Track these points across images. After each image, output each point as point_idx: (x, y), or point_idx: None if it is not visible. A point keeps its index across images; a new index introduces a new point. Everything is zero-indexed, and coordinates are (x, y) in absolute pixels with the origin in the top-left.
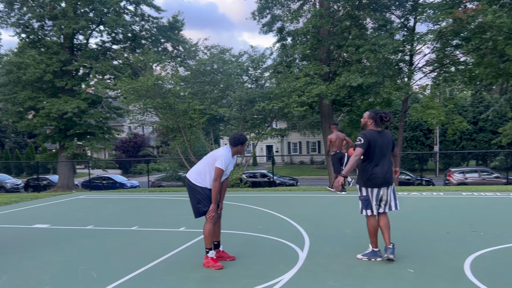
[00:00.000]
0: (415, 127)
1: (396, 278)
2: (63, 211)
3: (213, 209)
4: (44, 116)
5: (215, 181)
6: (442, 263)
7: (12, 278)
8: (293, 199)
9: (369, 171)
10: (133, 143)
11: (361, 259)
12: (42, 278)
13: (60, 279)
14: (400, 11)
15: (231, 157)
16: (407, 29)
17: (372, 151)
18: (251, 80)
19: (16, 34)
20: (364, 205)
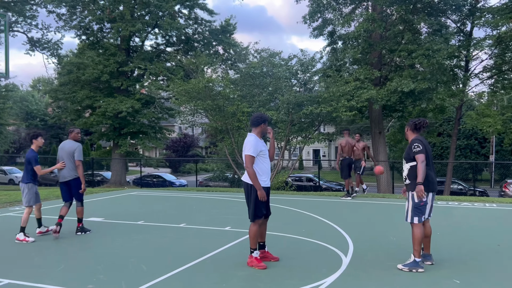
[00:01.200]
0: (469, 135)
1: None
2: (116, 206)
3: (261, 194)
4: (100, 114)
5: (248, 168)
6: (490, 276)
7: (69, 267)
8: (338, 204)
9: (430, 174)
10: (182, 143)
11: (401, 270)
12: (96, 268)
13: (113, 270)
14: (456, 16)
15: (258, 140)
16: (463, 34)
17: (427, 156)
18: (299, 83)
19: (77, 36)
20: (419, 212)
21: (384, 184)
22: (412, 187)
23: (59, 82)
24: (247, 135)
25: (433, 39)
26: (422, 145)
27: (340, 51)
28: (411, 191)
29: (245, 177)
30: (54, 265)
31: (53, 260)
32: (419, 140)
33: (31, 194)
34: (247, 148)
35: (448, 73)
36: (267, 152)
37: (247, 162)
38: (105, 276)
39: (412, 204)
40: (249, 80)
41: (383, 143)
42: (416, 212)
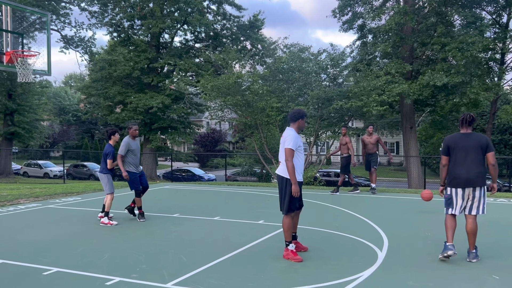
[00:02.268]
0: (504, 130)
1: (480, 283)
2: (151, 199)
3: (296, 189)
4: (132, 110)
5: (288, 161)
6: None
7: (113, 257)
8: (370, 199)
9: (452, 172)
10: (211, 138)
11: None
12: (138, 259)
13: (154, 260)
14: (492, 7)
15: (298, 135)
16: (499, 26)
17: (454, 153)
18: (329, 78)
19: (109, 33)
20: (446, 204)
21: (416, 180)
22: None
23: (91, 78)
24: (286, 129)
25: (467, 31)
26: (444, 145)
27: (371, 45)
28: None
29: (280, 170)
30: (98, 254)
31: (97, 250)
32: (444, 139)
33: (110, 182)
34: (287, 141)
35: (483, 66)
36: (303, 152)
37: (288, 155)
38: (148, 266)
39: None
40: (278, 75)
41: (414, 138)
42: (447, 203)
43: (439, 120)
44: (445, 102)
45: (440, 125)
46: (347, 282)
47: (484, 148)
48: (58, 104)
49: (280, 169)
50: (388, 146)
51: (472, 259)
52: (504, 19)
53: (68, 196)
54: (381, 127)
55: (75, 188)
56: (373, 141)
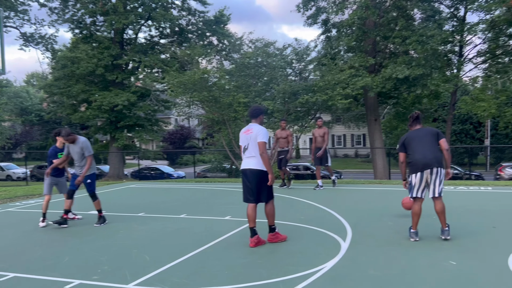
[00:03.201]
0: (464, 120)
1: (438, 269)
2: (116, 199)
3: (273, 177)
4: (96, 108)
5: (265, 153)
6: (486, 257)
7: (73, 259)
8: (336, 191)
9: (411, 160)
10: (179, 135)
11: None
12: (100, 260)
13: (116, 261)
14: (449, 1)
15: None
16: (457, 19)
17: (410, 146)
18: (295, 73)
19: (70, 30)
20: (409, 190)
21: (381, 170)
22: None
23: (53, 77)
24: (253, 125)
25: (427, 25)
26: (400, 143)
27: (335, 39)
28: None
29: (254, 164)
30: (58, 257)
31: (57, 253)
32: (400, 139)
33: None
34: (260, 136)
35: (442, 58)
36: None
37: (263, 148)
38: (109, 267)
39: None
40: (244, 70)
41: (378, 130)
42: (409, 191)
43: (403, 111)
44: (408, 94)
45: (403, 117)
46: (310, 274)
47: (435, 135)
48: (20, 105)
49: (254, 163)
50: (355, 138)
51: (446, 236)
52: (461, 13)
53: (29, 198)
54: (348, 119)
55: (37, 190)
56: (321, 133)
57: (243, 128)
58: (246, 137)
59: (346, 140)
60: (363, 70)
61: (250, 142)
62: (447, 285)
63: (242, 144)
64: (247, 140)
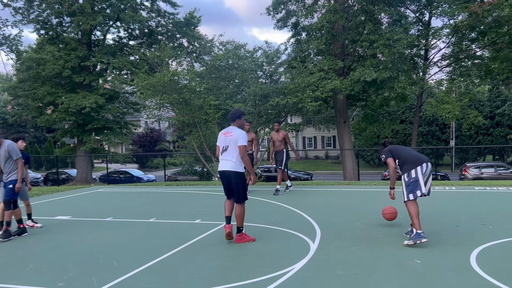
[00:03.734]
0: (430, 121)
1: (403, 268)
2: (83, 203)
3: (255, 179)
4: (63, 111)
5: (246, 156)
6: (450, 255)
7: (38, 266)
8: (306, 193)
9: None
10: (149, 137)
11: (407, 245)
12: (66, 266)
13: (83, 266)
14: (415, 6)
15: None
16: (422, 24)
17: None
18: (265, 75)
19: (36, 31)
20: (414, 187)
21: (350, 172)
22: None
23: (18, 78)
24: (233, 128)
25: (393, 29)
26: (386, 152)
27: (304, 42)
28: (402, 175)
29: (233, 166)
30: (22, 265)
31: (21, 260)
32: (382, 151)
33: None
34: (240, 140)
35: (409, 62)
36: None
37: (243, 152)
38: (76, 274)
39: (404, 184)
40: (215, 72)
41: (348, 132)
42: (408, 189)
43: (371, 114)
44: (376, 97)
45: (371, 119)
46: (279, 275)
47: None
48: None
49: (231, 165)
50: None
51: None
52: (426, 17)
53: None
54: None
55: None
56: (280, 138)
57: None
58: (226, 139)
59: (316, 142)
60: (332, 73)
61: (230, 145)
62: (413, 283)
63: (221, 145)
64: (226, 142)
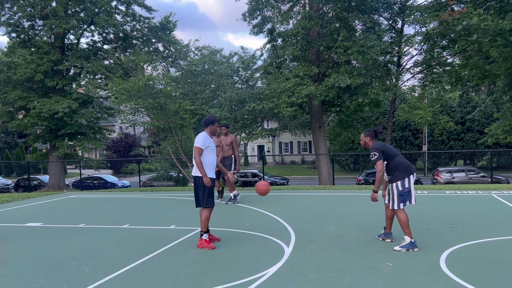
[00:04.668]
0: (404, 127)
1: (375, 271)
2: (55, 210)
3: (207, 181)
4: (35, 116)
5: (196, 158)
6: (420, 257)
7: (7, 274)
8: (282, 198)
9: (403, 163)
10: (124, 143)
11: (399, 251)
12: (36, 274)
13: (54, 274)
14: (388, 13)
15: (208, 136)
16: (395, 31)
17: (390, 151)
18: (241, 80)
19: (6, 34)
20: (406, 197)
21: (325, 176)
22: (394, 180)
23: None
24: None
25: (367, 36)
26: (378, 151)
27: (280, 48)
28: (394, 182)
29: (194, 171)
30: None
31: None
32: (374, 148)
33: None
34: (196, 141)
35: (382, 68)
36: (215, 148)
37: (196, 153)
38: (47, 281)
39: (397, 192)
40: (191, 77)
41: (323, 137)
42: (401, 199)
43: (346, 119)
44: (350, 103)
45: (346, 124)
46: (253, 280)
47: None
48: None
49: (193, 170)
50: (301, 145)
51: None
52: (399, 25)
53: None
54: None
55: None
56: (228, 142)
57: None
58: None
59: (293, 147)
60: (307, 79)
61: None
62: (384, 286)
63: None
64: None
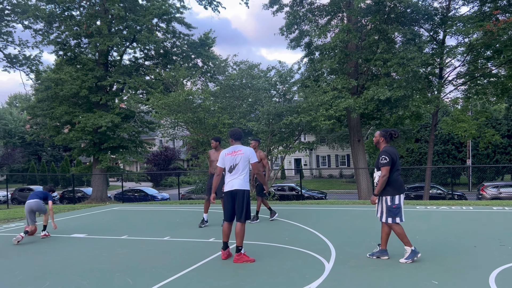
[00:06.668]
0: (446, 140)
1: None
2: (99, 221)
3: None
4: (80, 130)
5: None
6: (467, 276)
7: (55, 283)
8: (320, 212)
9: (398, 180)
10: (164, 156)
11: (405, 262)
12: (81, 284)
13: (98, 284)
14: (429, 25)
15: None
16: (436, 42)
17: (396, 164)
18: (279, 94)
19: (54, 52)
20: (395, 213)
21: (365, 191)
22: (384, 193)
23: (36, 98)
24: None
25: (407, 47)
26: (389, 157)
27: (317, 62)
28: (384, 196)
29: (241, 184)
30: (39, 282)
31: (38, 277)
32: (386, 152)
33: None
34: (253, 157)
35: (423, 80)
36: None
37: (257, 167)
38: None
39: (386, 207)
40: (229, 91)
41: (362, 151)
42: (390, 214)
43: None
44: (390, 115)
45: None
46: None
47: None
48: (3, 127)
49: (240, 184)
50: (339, 159)
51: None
52: (441, 36)
53: (10, 222)
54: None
55: (18, 213)
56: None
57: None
58: (234, 157)
59: (330, 160)
60: (345, 91)
61: (240, 163)
62: None
63: (227, 165)
64: (234, 161)
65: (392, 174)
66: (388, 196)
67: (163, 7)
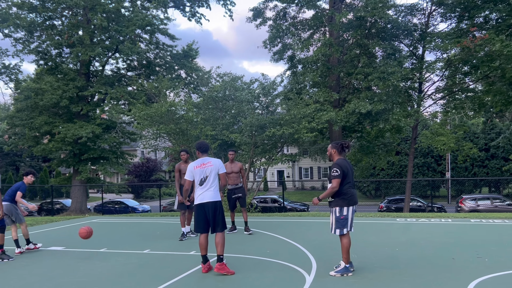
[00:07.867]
0: (426, 153)
1: None
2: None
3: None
4: (60, 140)
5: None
6: None
7: None
8: (302, 224)
9: (349, 192)
10: (145, 167)
11: (334, 276)
12: None
13: None
14: (408, 40)
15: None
16: (416, 57)
17: (347, 176)
18: (262, 106)
19: (35, 61)
20: (342, 224)
21: None
22: (334, 204)
23: (15, 108)
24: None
25: (388, 62)
26: (340, 170)
27: (300, 75)
28: (334, 207)
29: (213, 196)
30: None
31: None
32: (338, 165)
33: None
34: (222, 167)
35: (403, 94)
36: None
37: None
38: None
39: (334, 217)
40: (212, 103)
41: None
42: (338, 225)
43: (366, 145)
44: (371, 128)
45: (367, 150)
46: None
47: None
48: None
49: (212, 196)
50: (322, 171)
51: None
52: (420, 51)
53: None
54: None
55: None
56: (236, 169)
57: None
58: (203, 170)
59: (313, 172)
60: (327, 104)
61: (210, 175)
62: None
63: (197, 178)
64: (203, 173)
65: (343, 187)
66: (337, 208)
67: (147, 18)
